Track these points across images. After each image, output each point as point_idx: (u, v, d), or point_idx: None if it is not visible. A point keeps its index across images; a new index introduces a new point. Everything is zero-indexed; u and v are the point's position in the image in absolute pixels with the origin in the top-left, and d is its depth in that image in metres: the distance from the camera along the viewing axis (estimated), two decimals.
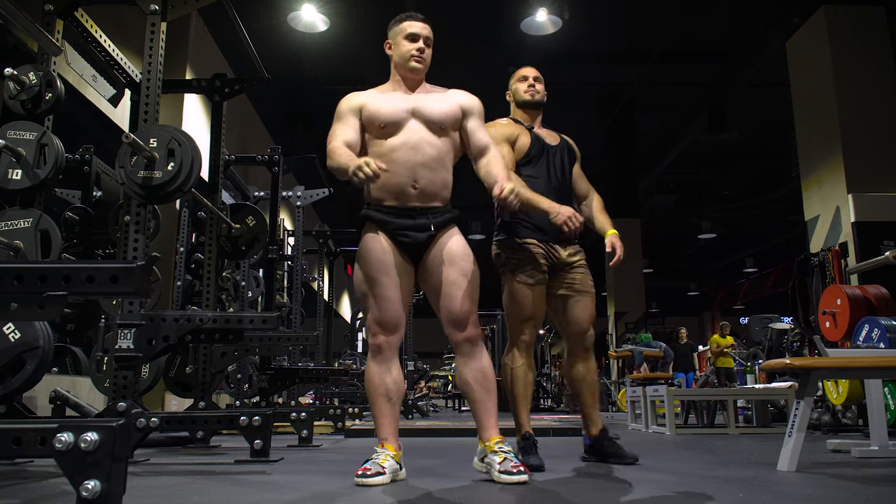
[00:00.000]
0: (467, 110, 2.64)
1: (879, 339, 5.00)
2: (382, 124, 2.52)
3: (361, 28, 8.10)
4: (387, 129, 2.52)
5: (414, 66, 2.59)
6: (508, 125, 3.15)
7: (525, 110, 3.23)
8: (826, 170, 7.49)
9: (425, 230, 2.48)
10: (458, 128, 2.63)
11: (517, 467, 2.33)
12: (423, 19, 2.67)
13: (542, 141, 3.13)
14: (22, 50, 4.46)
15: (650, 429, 6.04)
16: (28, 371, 3.00)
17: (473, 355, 2.48)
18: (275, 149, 5.93)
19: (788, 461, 2.73)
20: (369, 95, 2.63)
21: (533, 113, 3.23)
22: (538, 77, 3.25)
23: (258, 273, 7.30)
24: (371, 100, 2.59)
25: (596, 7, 8.07)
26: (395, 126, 2.51)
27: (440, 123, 2.54)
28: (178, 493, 2.11)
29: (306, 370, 5.54)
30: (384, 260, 2.45)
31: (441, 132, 2.54)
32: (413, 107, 2.55)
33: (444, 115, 2.56)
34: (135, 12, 3.69)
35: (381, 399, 2.45)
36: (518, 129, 3.13)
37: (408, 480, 2.43)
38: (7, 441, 1.51)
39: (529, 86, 3.21)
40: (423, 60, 2.60)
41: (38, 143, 3.21)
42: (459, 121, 2.62)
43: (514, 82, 3.29)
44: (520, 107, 3.25)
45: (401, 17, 2.68)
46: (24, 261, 3.08)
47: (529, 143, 3.09)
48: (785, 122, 9.08)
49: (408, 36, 2.61)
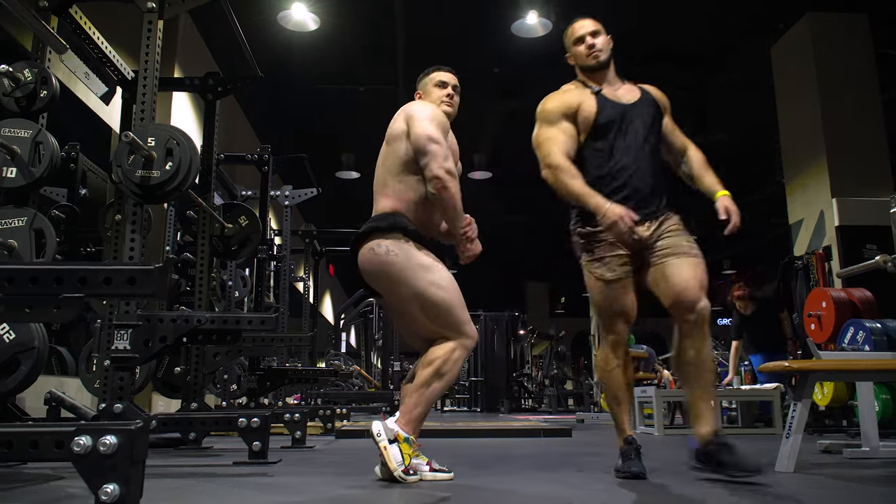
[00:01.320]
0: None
1: (864, 341, 5.08)
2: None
3: (352, 27, 8.07)
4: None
5: (445, 109, 2.76)
6: (565, 93, 2.74)
7: (591, 74, 2.77)
8: (810, 174, 7.59)
9: None
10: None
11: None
12: (451, 70, 2.87)
13: (613, 104, 2.67)
14: (13, 46, 4.40)
15: (637, 429, 6.08)
16: (23, 372, 2.96)
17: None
18: (264, 148, 5.90)
19: (787, 462, 2.77)
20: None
21: (601, 74, 2.76)
22: (596, 31, 2.77)
23: (245, 273, 7.26)
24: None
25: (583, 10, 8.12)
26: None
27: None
28: (186, 497, 2.10)
29: (296, 371, 5.51)
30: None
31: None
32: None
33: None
34: (124, 9, 3.65)
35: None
36: (580, 95, 2.70)
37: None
38: (24, 444, 1.49)
39: (589, 47, 2.74)
40: (452, 105, 2.81)
41: (34, 140, 3.17)
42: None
43: (571, 45, 2.81)
44: (584, 71, 2.78)
45: (429, 70, 2.87)
46: (18, 261, 3.04)
47: (596, 109, 2.65)
48: (767, 125, 9.18)
49: (438, 83, 2.81)
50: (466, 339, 2.49)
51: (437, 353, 2.44)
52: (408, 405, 2.42)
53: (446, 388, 2.50)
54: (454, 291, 2.50)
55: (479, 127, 10.66)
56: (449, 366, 2.43)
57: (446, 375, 2.43)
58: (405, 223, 2.54)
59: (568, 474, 2.77)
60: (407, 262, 2.47)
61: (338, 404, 7.64)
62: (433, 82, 2.82)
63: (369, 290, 2.67)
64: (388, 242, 2.49)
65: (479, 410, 13.54)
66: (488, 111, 10.25)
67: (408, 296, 2.47)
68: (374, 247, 2.50)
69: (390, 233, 2.51)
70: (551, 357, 13.23)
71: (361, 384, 11.88)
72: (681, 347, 2.54)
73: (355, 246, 2.58)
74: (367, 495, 2.15)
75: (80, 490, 2.07)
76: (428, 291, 2.45)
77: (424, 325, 2.50)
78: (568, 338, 16.72)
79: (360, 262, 2.56)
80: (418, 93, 2.85)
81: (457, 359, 2.46)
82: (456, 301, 2.49)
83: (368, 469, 2.54)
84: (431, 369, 2.42)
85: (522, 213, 16.14)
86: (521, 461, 3.41)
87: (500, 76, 9.34)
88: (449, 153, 2.56)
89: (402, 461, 2.32)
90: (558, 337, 13.61)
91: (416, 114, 2.62)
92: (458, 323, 2.48)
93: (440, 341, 2.47)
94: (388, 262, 2.47)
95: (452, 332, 2.47)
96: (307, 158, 8.16)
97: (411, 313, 2.50)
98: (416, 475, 2.36)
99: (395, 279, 2.48)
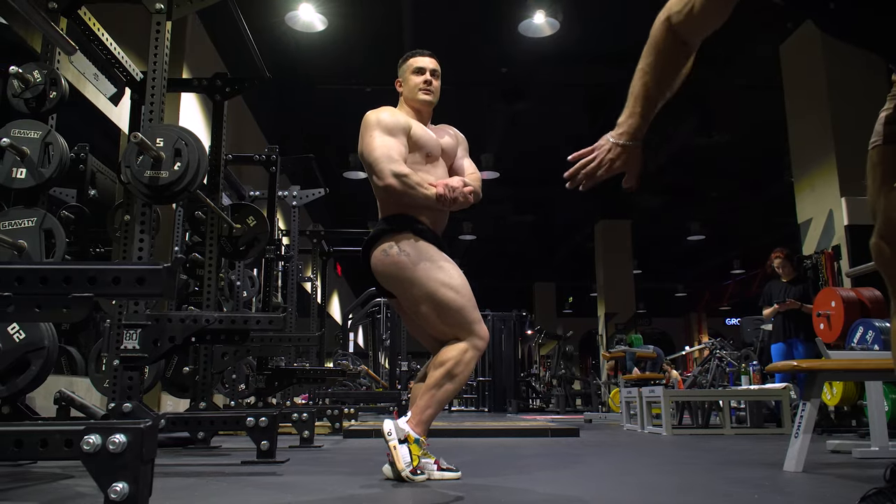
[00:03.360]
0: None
1: (874, 341, 5.06)
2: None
3: (360, 28, 8.09)
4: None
5: (423, 97, 2.69)
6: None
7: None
8: (819, 173, 7.56)
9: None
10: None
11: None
12: (430, 54, 2.76)
13: None
14: (22, 48, 4.43)
15: (646, 429, 6.07)
16: (33, 372, 2.97)
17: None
18: (272, 148, 5.91)
19: (795, 462, 2.76)
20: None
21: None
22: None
23: (253, 273, 7.27)
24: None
25: (590, 9, 8.10)
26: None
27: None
28: (195, 495, 2.10)
29: (303, 371, 5.51)
30: None
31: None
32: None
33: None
34: (132, 10, 3.66)
35: None
36: None
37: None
38: (34, 443, 1.50)
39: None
40: (430, 92, 2.71)
41: (43, 141, 3.18)
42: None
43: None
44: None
45: (407, 55, 2.78)
46: (28, 261, 3.06)
47: None
48: (774, 124, 9.15)
49: (415, 70, 2.72)
50: (478, 340, 2.48)
51: (449, 353, 2.44)
52: (419, 406, 2.41)
53: (458, 389, 2.49)
54: (466, 291, 2.50)
55: (486, 127, 10.67)
56: (461, 367, 2.43)
57: (458, 377, 2.43)
58: (415, 222, 2.55)
59: (577, 473, 2.76)
60: (419, 263, 2.47)
61: (345, 404, 7.65)
62: (410, 69, 2.74)
63: (382, 292, 2.66)
64: (399, 244, 2.50)
65: (486, 410, 13.53)
66: (495, 111, 10.26)
67: (420, 296, 2.47)
68: (385, 248, 2.51)
69: (401, 233, 2.52)
70: (559, 357, 13.21)
71: (369, 384, 11.89)
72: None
73: (367, 249, 2.58)
74: (376, 495, 2.15)
75: (90, 489, 2.08)
76: (440, 292, 2.45)
77: (436, 326, 2.50)
78: (576, 338, 16.70)
79: (372, 265, 2.56)
80: (398, 80, 2.78)
81: (469, 360, 2.45)
82: (467, 301, 2.49)
83: (377, 469, 2.54)
84: (443, 370, 2.41)
85: (530, 213, 16.14)
86: (529, 461, 3.41)
87: (507, 76, 9.34)
88: (392, 152, 2.52)
89: (411, 461, 2.32)
90: (566, 337, 13.59)
91: (361, 130, 2.63)
92: (470, 323, 2.48)
93: (452, 342, 2.47)
94: (400, 262, 2.47)
95: (463, 333, 2.47)
96: (315, 159, 8.18)
97: (423, 313, 2.50)
98: (424, 475, 2.36)
99: (408, 279, 2.48)
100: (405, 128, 2.60)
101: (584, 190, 1.74)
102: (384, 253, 2.51)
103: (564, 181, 1.74)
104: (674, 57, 1.67)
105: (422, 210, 2.56)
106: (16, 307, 1.67)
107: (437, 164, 2.68)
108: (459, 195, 2.48)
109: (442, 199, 2.47)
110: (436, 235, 2.61)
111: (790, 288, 6.37)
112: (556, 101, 10.45)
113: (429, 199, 2.48)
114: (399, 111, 2.70)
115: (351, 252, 9.64)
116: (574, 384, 14.01)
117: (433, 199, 2.48)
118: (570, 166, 1.74)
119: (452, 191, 2.48)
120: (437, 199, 2.47)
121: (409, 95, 2.73)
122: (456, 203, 2.49)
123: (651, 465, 2.99)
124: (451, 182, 2.51)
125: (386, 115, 2.62)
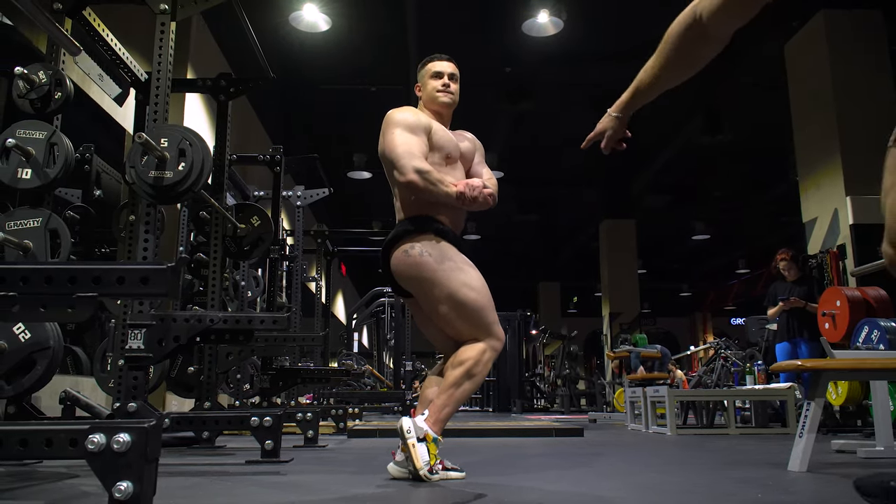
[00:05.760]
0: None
1: (879, 340, 5.04)
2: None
3: (363, 28, 8.10)
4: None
5: (442, 99, 2.73)
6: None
7: None
8: (824, 172, 7.53)
9: None
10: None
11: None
12: (448, 58, 2.80)
13: None
14: (27, 49, 4.44)
15: (650, 429, 6.06)
16: (38, 371, 2.99)
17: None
18: (276, 149, 5.92)
19: (800, 461, 2.75)
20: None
21: None
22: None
23: (257, 273, 7.29)
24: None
25: (593, 8, 8.09)
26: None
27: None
28: (199, 494, 2.11)
29: (308, 370, 5.52)
30: None
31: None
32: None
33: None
34: (137, 11, 3.67)
35: None
36: None
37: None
38: (39, 442, 1.51)
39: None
40: (449, 94, 2.74)
41: (48, 142, 3.19)
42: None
43: None
44: None
45: (425, 60, 2.82)
46: (33, 260, 3.07)
47: None
48: (779, 124, 9.12)
49: (434, 74, 2.76)
50: (495, 341, 2.51)
51: (467, 353, 2.45)
52: (437, 405, 2.42)
53: (476, 389, 2.51)
54: (485, 293, 2.52)
55: (490, 126, 10.67)
56: (480, 367, 2.45)
57: (476, 377, 2.45)
58: (437, 223, 2.56)
59: (583, 472, 2.76)
60: (441, 263, 2.48)
61: (350, 404, 7.67)
62: (428, 74, 2.79)
63: (399, 291, 2.67)
64: (420, 244, 2.52)
65: (490, 410, 13.53)
66: (500, 111, 10.25)
67: (440, 296, 2.49)
68: (407, 248, 2.52)
69: (423, 234, 2.53)
70: (563, 357, 13.20)
71: (373, 384, 11.90)
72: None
73: (388, 249, 2.59)
74: (381, 494, 2.15)
75: (94, 488, 2.09)
76: (461, 292, 2.47)
77: (454, 326, 2.51)
78: (580, 337, 16.68)
79: (392, 265, 2.57)
80: (417, 85, 2.83)
81: (487, 360, 2.47)
82: (486, 302, 2.51)
83: (381, 468, 2.55)
84: (462, 370, 2.43)
85: (534, 212, 16.14)
86: (534, 460, 3.41)
87: (511, 76, 9.34)
88: (414, 149, 2.54)
89: (429, 460, 2.33)
90: (570, 336, 13.57)
91: (383, 129, 2.65)
92: (488, 324, 2.50)
93: (470, 342, 2.49)
94: (422, 263, 2.49)
95: (482, 333, 2.48)
96: (319, 159, 8.19)
97: (442, 314, 2.50)
98: (439, 474, 2.37)
99: (429, 280, 2.49)
100: (426, 127, 2.63)
101: (605, 151, 2.08)
102: (405, 253, 2.52)
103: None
104: (688, 45, 1.71)
105: (442, 210, 2.58)
106: (21, 307, 1.68)
107: (455, 167, 2.70)
108: (480, 195, 2.51)
109: (463, 197, 2.50)
110: (456, 236, 2.62)
111: (795, 288, 6.37)
112: (560, 101, 10.44)
113: (449, 196, 2.50)
114: (420, 112, 2.73)
115: (355, 252, 9.65)
116: (579, 384, 13.99)
117: (454, 197, 2.50)
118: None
119: (473, 190, 2.51)
120: (457, 197, 2.50)
121: (429, 99, 2.77)
122: (476, 203, 2.52)
123: (655, 465, 2.99)
124: (472, 182, 2.54)
125: (408, 114, 2.65)
